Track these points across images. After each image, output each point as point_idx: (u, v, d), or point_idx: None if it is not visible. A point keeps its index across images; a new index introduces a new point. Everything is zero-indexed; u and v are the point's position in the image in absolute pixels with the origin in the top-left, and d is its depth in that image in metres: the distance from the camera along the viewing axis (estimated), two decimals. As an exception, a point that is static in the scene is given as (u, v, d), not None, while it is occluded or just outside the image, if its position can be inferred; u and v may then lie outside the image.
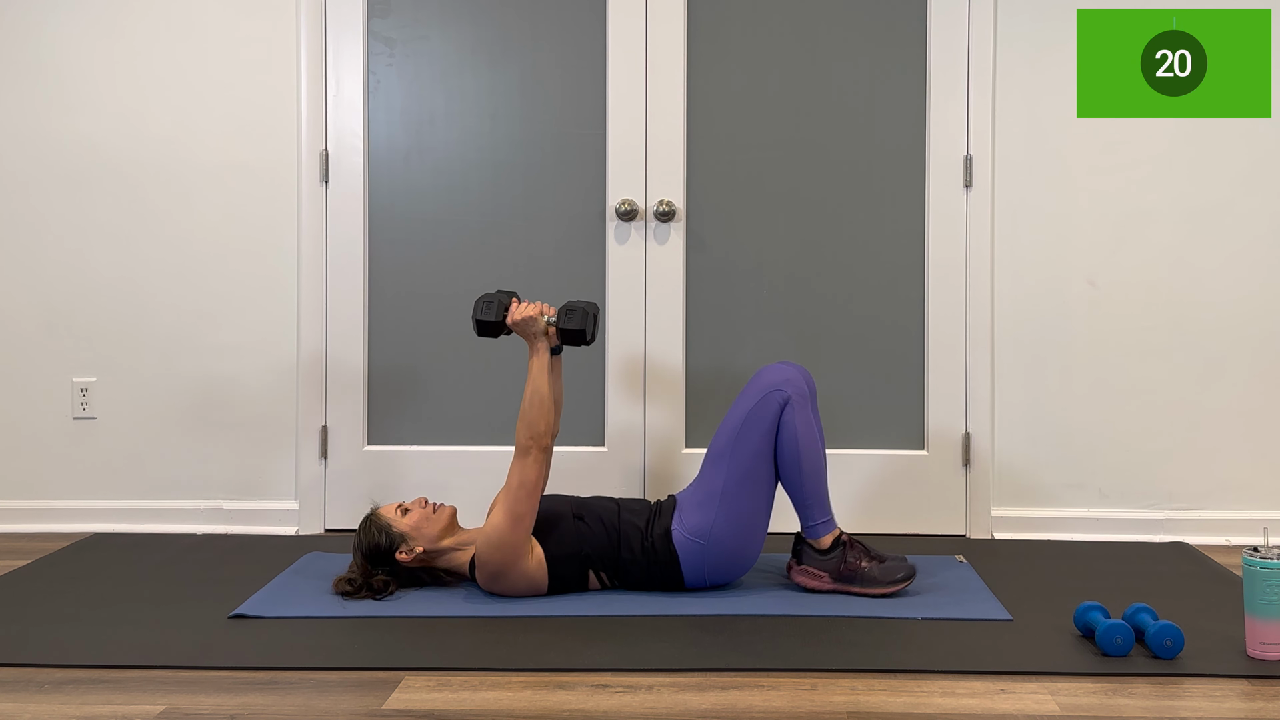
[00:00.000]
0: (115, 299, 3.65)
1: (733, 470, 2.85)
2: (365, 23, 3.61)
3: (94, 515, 3.65)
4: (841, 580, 2.87)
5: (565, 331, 2.90)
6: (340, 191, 3.62)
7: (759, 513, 2.88)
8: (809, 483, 2.87)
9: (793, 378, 2.89)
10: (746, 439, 2.86)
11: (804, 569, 2.91)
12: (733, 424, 2.89)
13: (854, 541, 2.90)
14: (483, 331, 2.95)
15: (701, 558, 2.83)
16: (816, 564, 2.89)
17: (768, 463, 2.87)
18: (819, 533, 2.89)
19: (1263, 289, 3.55)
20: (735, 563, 2.87)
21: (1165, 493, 3.57)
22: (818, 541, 2.89)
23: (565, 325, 2.89)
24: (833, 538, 2.89)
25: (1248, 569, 2.38)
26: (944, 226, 3.56)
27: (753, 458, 2.85)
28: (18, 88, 3.64)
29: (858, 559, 2.87)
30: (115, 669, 2.37)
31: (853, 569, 2.86)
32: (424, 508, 2.89)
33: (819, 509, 2.89)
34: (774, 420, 2.86)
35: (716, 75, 3.59)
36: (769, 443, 2.86)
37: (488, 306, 2.94)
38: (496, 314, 2.93)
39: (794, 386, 2.88)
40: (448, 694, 2.24)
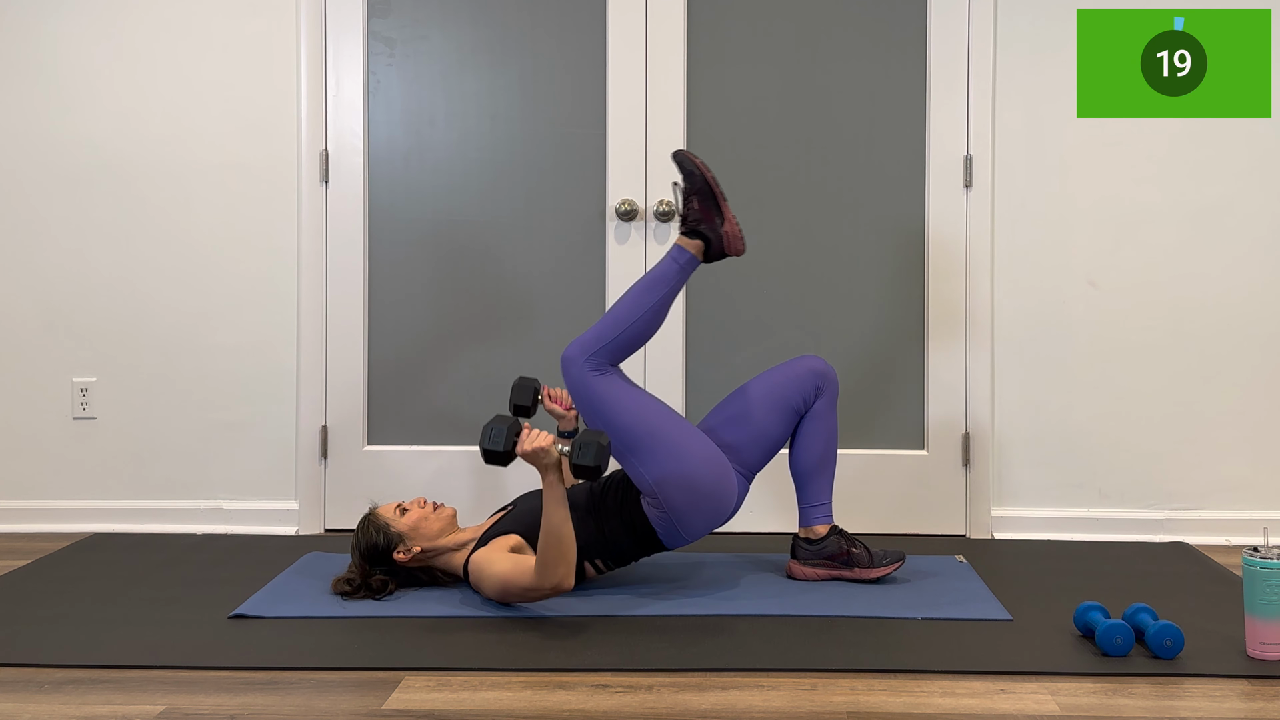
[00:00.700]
0: (115, 299, 3.65)
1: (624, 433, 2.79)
2: (365, 23, 3.61)
3: (94, 515, 3.65)
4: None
5: (579, 468, 2.60)
6: (340, 191, 3.62)
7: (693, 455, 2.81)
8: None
9: (567, 353, 2.86)
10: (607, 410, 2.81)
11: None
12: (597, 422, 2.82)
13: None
14: (490, 461, 2.68)
15: (667, 521, 2.82)
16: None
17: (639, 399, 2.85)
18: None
19: (1263, 289, 3.55)
20: (702, 512, 2.82)
21: (1165, 493, 3.57)
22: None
23: (579, 461, 2.59)
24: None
25: (1248, 569, 2.38)
26: (944, 226, 3.56)
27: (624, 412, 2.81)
28: (17, 88, 3.64)
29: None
30: (115, 669, 2.37)
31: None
32: (423, 508, 2.88)
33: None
34: (602, 375, 2.84)
35: (716, 75, 3.59)
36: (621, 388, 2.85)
37: (495, 435, 2.64)
38: (505, 443, 2.63)
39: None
40: (448, 694, 2.24)
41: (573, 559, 2.60)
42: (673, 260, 2.91)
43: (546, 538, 2.57)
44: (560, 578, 2.59)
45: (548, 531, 2.57)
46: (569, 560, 2.59)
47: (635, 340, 2.90)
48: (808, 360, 3.03)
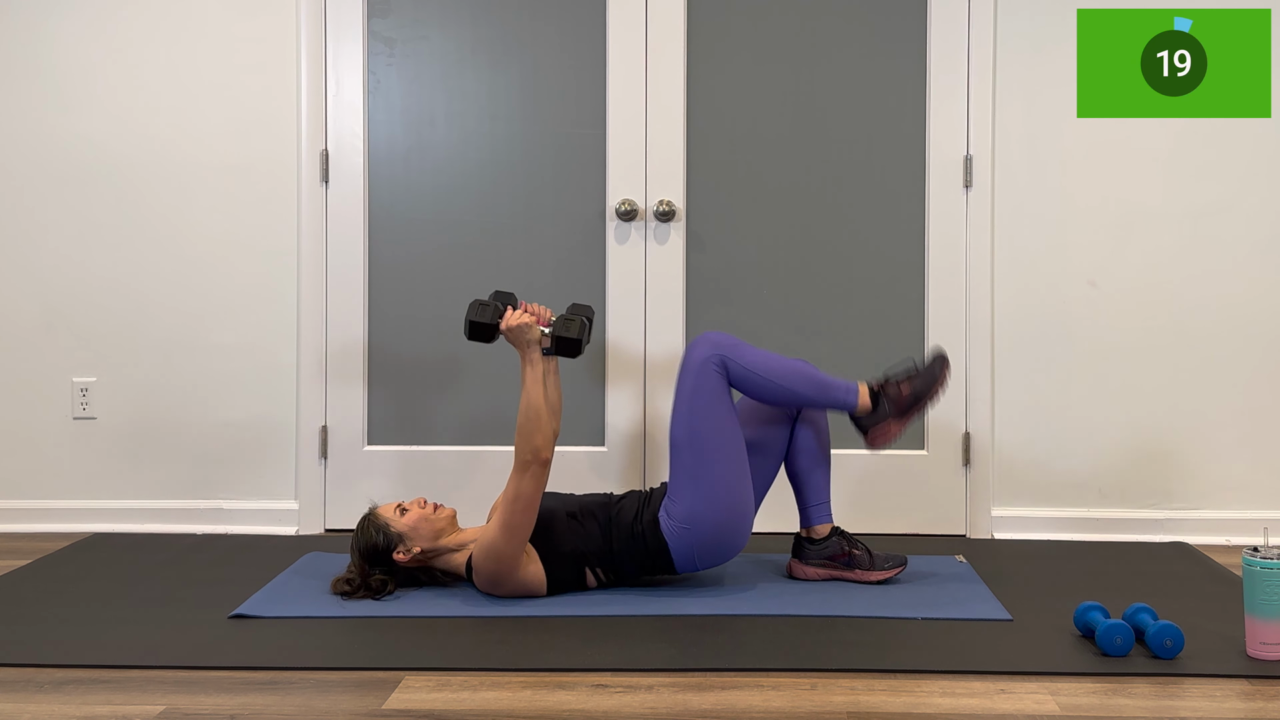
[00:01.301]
0: (115, 299, 3.65)
1: (695, 453, 2.83)
2: (365, 23, 3.61)
3: (94, 515, 3.65)
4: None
5: (560, 340, 2.84)
6: (340, 191, 3.62)
7: (738, 487, 2.85)
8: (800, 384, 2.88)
9: (718, 340, 2.87)
10: (698, 419, 2.83)
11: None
12: (681, 409, 2.86)
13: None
14: (474, 334, 2.87)
15: (689, 543, 2.83)
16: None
17: (728, 433, 2.84)
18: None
19: (1263, 289, 3.55)
20: (723, 544, 2.86)
21: (1165, 493, 3.57)
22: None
23: (562, 334, 2.83)
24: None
25: (1248, 569, 2.38)
26: (944, 226, 3.56)
27: (714, 434, 2.83)
28: (17, 88, 3.64)
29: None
30: (115, 669, 2.37)
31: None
32: (423, 508, 2.88)
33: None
34: (719, 388, 2.84)
35: (716, 75, 3.59)
36: (725, 411, 2.85)
37: (483, 309, 2.87)
38: (491, 317, 2.86)
39: (723, 346, 2.86)
40: (448, 694, 2.24)
41: (548, 430, 2.73)
42: (844, 390, 2.89)
43: (525, 409, 2.74)
44: (538, 445, 2.71)
45: (526, 404, 2.74)
46: (545, 431, 2.73)
47: (759, 392, 2.87)
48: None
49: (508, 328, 2.83)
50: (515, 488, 2.73)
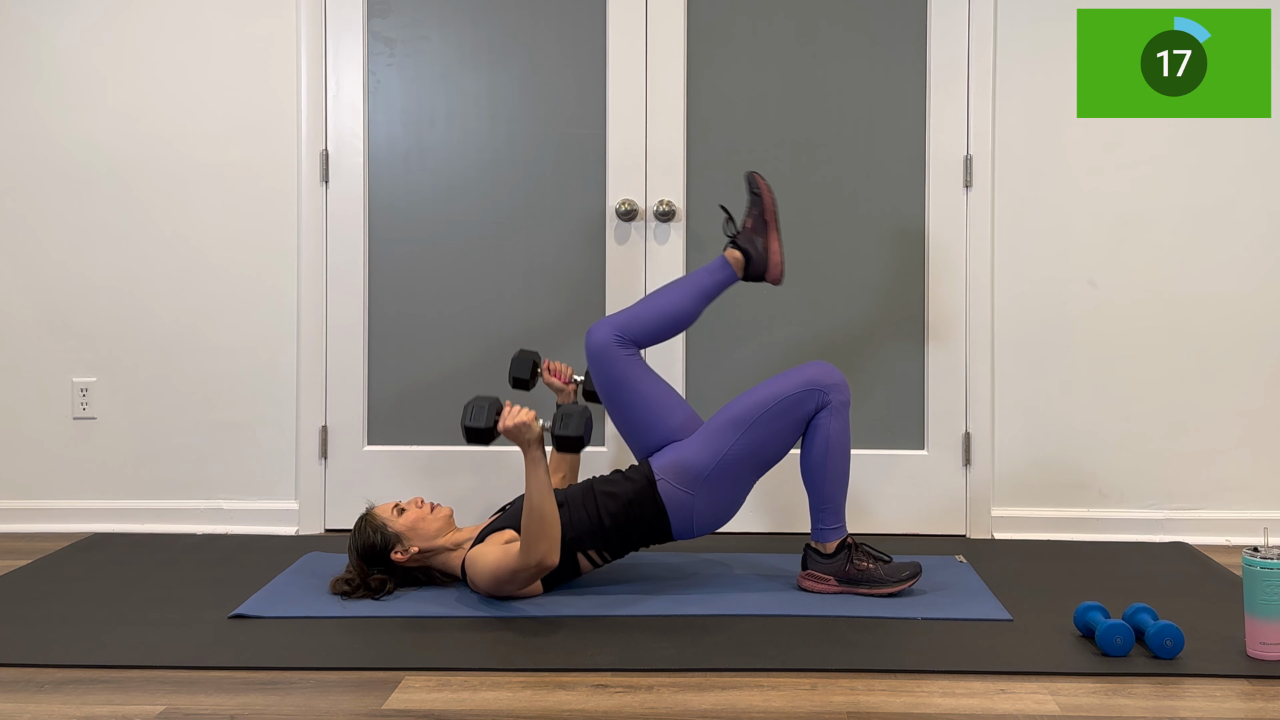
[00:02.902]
0: (115, 299, 3.65)
1: (743, 442, 2.83)
2: (365, 23, 3.61)
3: (94, 515, 3.65)
4: (848, 582, 2.88)
5: (560, 439, 2.65)
6: (340, 191, 3.62)
7: (749, 483, 2.90)
8: (830, 488, 2.90)
9: (839, 384, 2.89)
10: (772, 420, 2.85)
11: (810, 574, 2.92)
12: (763, 399, 2.87)
13: (859, 545, 2.91)
14: (472, 439, 2.70)
15: (690, 509, 2.83)
16: (822, 568, 2.90)
17: (776, 449, 2.88)
18: (826, 537, 2.91)
19: (1262, 289, 3.55)
20: (719, 516, 2.89)
21: (1165, 493, 3.57)
22: (823, 545, 2.91)
23: (561, 433, 2.64)
24: (839, 542, 2.90)
25: (1248, 569, 2.38)
26: (944, 226, 3.56)
27: (768, 440, 2.85)
28: (18, 88, 3.64)
29: (863, 560, 2.88)
30: (115, 669, 2.37)
31: (859, 570, 2.88)
32: (420, 508, 2.88)
33: (832, 515, 2.91)
34: (806, 417, 2.86)
35: (716, 75, 3.59)
36: (790, 434, 2.87)
37: (478, 411, 2.67)
38: (487, 420, 2.66)
39: (837, 393, 2.88)
40: (448, 694, 2.24)
41: (555, 535, 2.64)
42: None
43: (529, 514, 2.61)
44: (543, 553, 2.63)
45: (530, 508, 2.61)
46: (551, 536, 2.63)
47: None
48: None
49: (505, 429, 2.67)
50: (515, 570, 2.67)
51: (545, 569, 2.66)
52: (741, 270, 3.03)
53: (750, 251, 3.02)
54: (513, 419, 2.64)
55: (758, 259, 3.03)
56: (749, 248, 3.03)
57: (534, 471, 2.63)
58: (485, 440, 2.68)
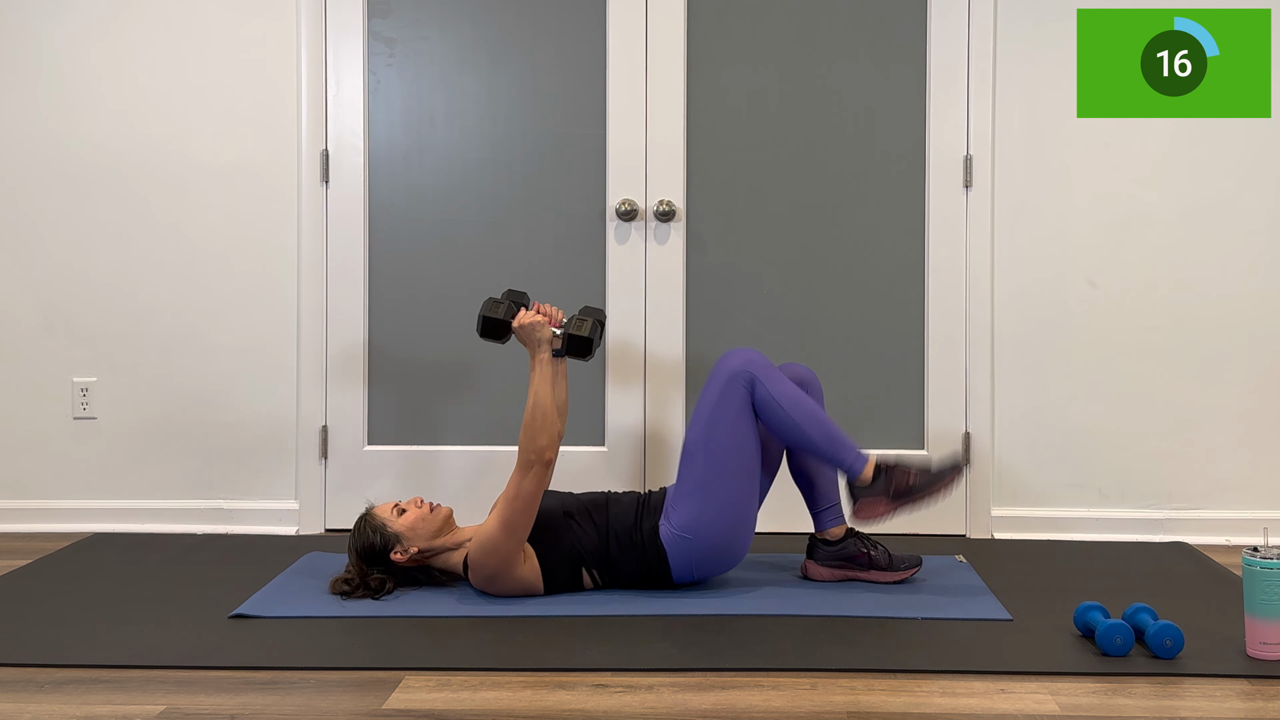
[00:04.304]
0: (115, 299, 3.65)
1: (710, 462, 2.83)
2: (365, 23, 3.61)
3: (94, 515, 3.65)
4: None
5: (572, 339, 2.84)
6: (340, 191, 3.62)
7: (745, 503, 2.87)
8: (815, 430, 2.84)
9: (753, 358, 2.87)
10: (719, 428, 2.83)
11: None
12: (702, 416, 2.86)
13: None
14: (486, 330, 2.89)
15: (689, 553, 2.83)
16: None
17: (748, 449, 2.85)
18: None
19: (1262, 289, 3.55)
20: (723, 556, 2.87)
21: (1165, 493, 3.57)
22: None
23: (575, 332, 2.84)
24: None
25: (1248, 569, 2.38)
26: (944, 226, 3.56)
27: (730, 447, 2.83)
28: (18, 88, 3.64)
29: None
30: (115, 669, 2.37)
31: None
32: (420, 508, 2.88)
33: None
34: (744, 402, 2.84)
35: (716, 75, 3.59)
36: (746, 427, 2.84)
37: (496, 305, 2.90)
38: (505, 313, 2.89)
39: (757, 365, 2.85)
40: (448, 694, 2.24)
41: (554, 431, 2.74)
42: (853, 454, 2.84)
43: (532, 409, 2.74)
44: (543, 446, 2.72)
45: (534, 402, 2.75)
46: (551, 431, 2.73)
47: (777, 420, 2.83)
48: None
49: (520, 325, 2.85)
50: (516, 486, 2.73)
51: (546, 463, 2.72)
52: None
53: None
54: (528, 318, 2.84)
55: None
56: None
57: (540, 370, 2.81)
58: (498, 334, 2.87)
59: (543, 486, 2.75)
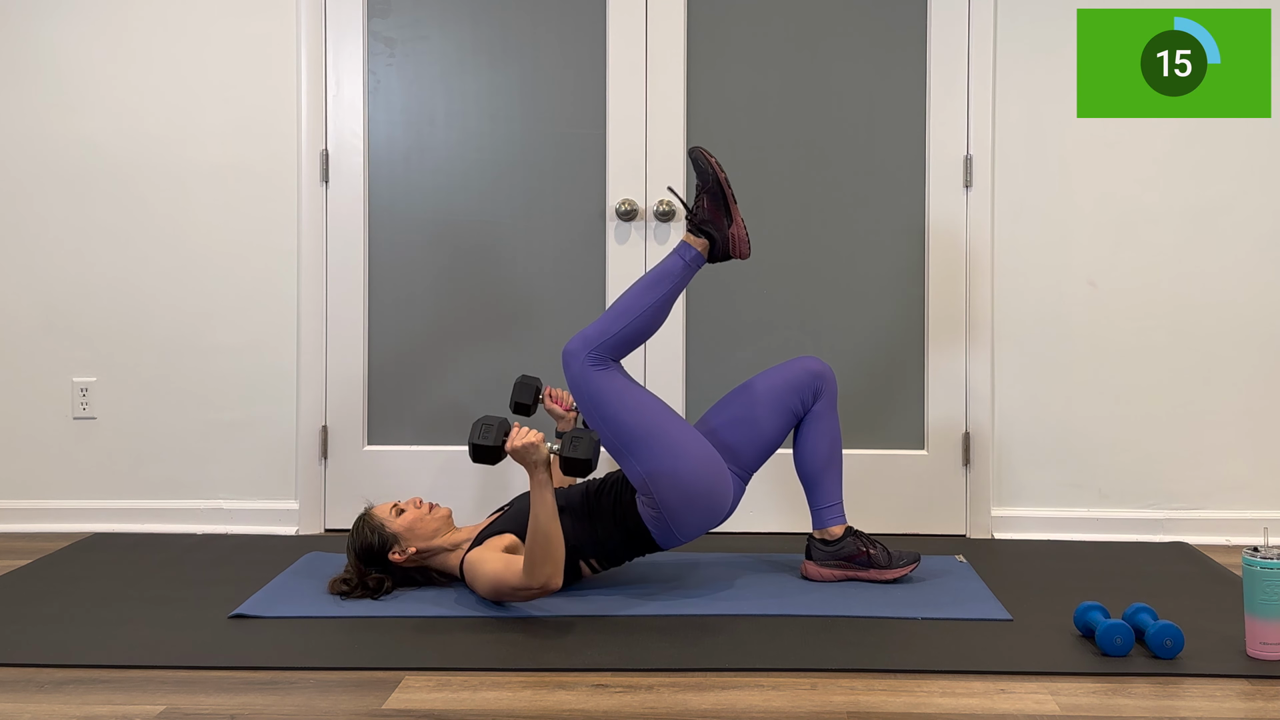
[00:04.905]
0: (115, 299, 3.65)
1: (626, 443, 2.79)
2: (365, 23, 3.61)
3: (94, 515, 3.65)
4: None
5: (568, 462, 2.61)
6: (340, 191, 3.62)
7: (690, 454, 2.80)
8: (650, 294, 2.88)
9: (572, 346, 2.86)
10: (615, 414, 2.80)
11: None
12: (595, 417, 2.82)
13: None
14: (479, 458, 2.68)
15: (662, 522, 2.80)
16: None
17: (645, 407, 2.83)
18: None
19: (1263, 289, 3.55)
20: (698, 512, 2.81)
21: (1165, 493, 3.57)
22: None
23: (569, 455, 2.60)
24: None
25: (1248, 569, 2.38)
26: (944, 226, 3.56)
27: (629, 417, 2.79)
28: (18, 88, 3.64)
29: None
30: (115, 669, 2.37)
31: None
32: (419, 508, 2.88)
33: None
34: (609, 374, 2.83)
35: (716, 75, 3.59)
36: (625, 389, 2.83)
37: (486, 430, 2.66)
38: (495, 438, 2.65)
39: (583, 345, 2.85)
40: (448, 694, 2.24)
41: (560, 558, 2.60)
42: (678, 256, 2.91)
43: (534, 536, 2.58)
44: (547, 577, 2.59)
45: (535, 530, 2.58)
46: (556, 559, 2.59)
47: (637, 336, 2.89)
48: (806, 361, 3.02)
49: (512, 450, 2.62)
50: (515, 588, 2.64)
51: (549, 590, 2.62)
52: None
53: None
54: (521, 439, 2.60)
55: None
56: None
57: (540, 494, 2.59)
58: (492, 459, 2.66)
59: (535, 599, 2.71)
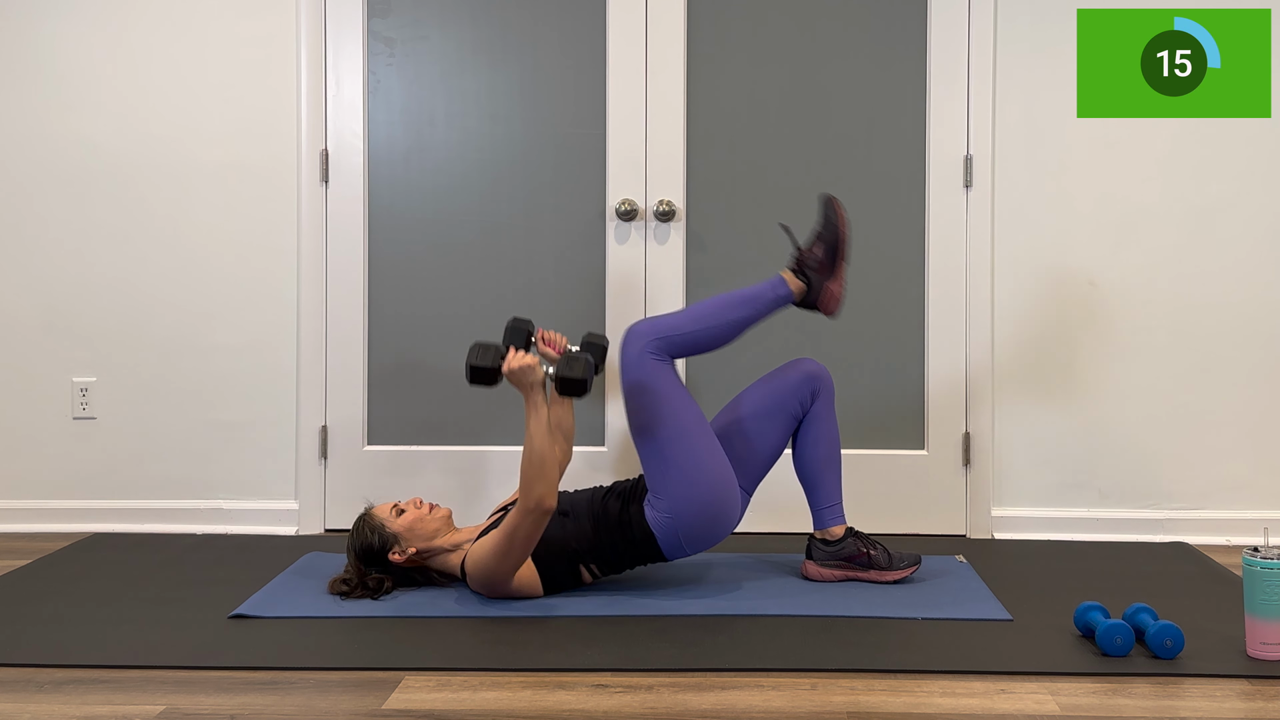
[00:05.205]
0: (115, 299, 3.65)
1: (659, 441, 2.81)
2: (365, 23, 3.61)
3: (94, 515, 3.64)
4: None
5: (564, 381, 2.70)
6: (340, 191, 3.62)
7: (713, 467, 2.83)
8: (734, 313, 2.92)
9: (640, 329, 2.89)
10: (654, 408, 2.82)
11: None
12: (632, 404, 2.84)
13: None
14: (475, 379, 2.75)
15: (673, 530, 2.80)
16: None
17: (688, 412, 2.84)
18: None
19: (1262, 289, 3.55)
20: (709, 526, 2.83)
21: (1165, 493, 3.57)
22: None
23: (565, 374, 2.69)
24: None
25: (1248, 569, 2.38)
26: (944, 226, 3.56)
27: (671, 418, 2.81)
28: (18, 88, 3.64)
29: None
30: (115, 669, 2.37)
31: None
32: (419, 508, 2.88)
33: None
34: (663, 368, 2.85)
35: (716, 75, 3.59)
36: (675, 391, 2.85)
37: (483, 352, 2.74)
38: (492, 360, 2.73)
39: (649, 330, 2.89)
40: (448, 694, 2.24)
41: (553, 478, 2.66)
42: (769, 288, 2.93)
43: (528, 457, 2.65)
44: (541, 494, 2.64)
45: (529, 451, 2.65)
46: (548, 479, 2.65)
47: (703, 345, 2.91)
48: (802, 364, 3.02)
49: (509, 371, 2.71)
50: (516, 524, 2.68)
51: (545, 511, 2.66)
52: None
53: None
54: (518, 361, 2.69)
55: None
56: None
57: (534, 415, 2.67)
58: (489, 381, 2.75)
59: (540, 529, 2.71)
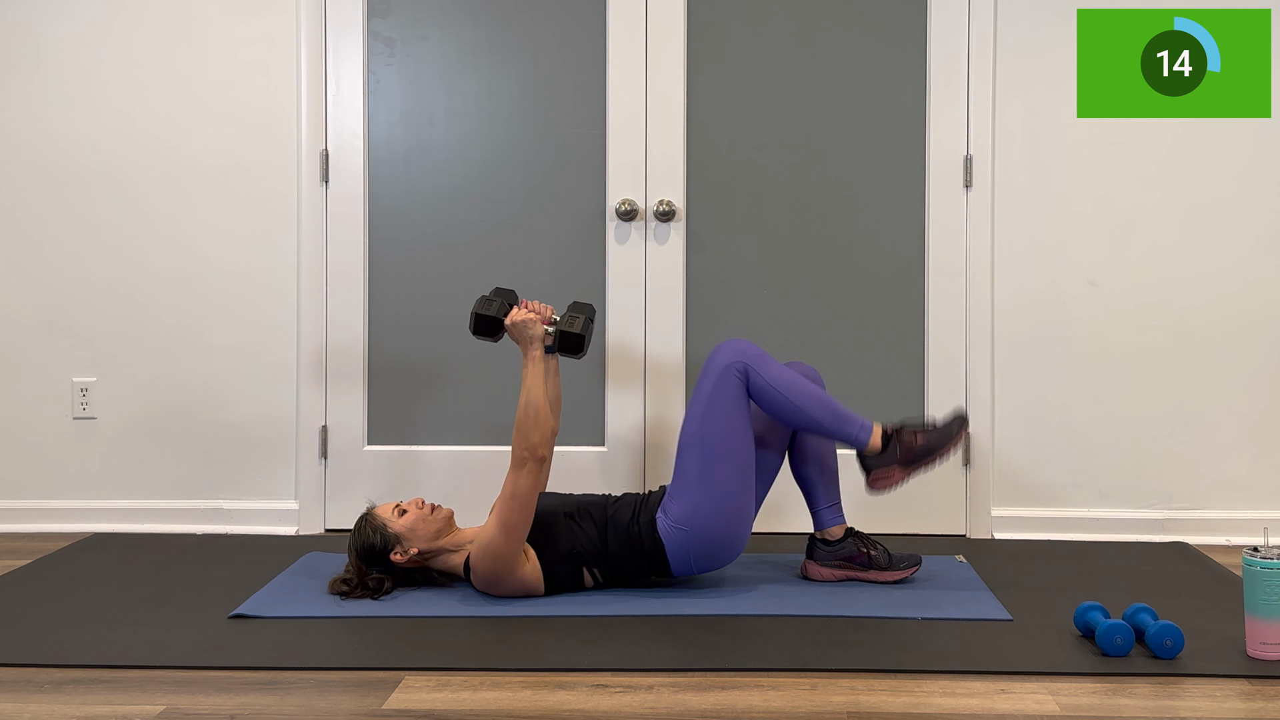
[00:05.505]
0: (115, 299, 3.65)
1: (705, 455, 2.82)
2: (365, 23, 3.61)
3: (94, 515, 3.65)
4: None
5: (564, 336, 2.86)
6: (340, 191, 3.62)
7: (742, 496, 2.85)
8: (817, 409, 2.85)
9: (744, 348, 2.87)
10: (714, 422, 2.83)
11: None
12: (697, 410, 2.86)
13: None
14: (479, 328, 2.91)
15: (686, 545, 2.82)
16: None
17: (743, 442, 2.84)
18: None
19: (1263, 289, 3.55)
20: (720, 550, 2.85)
21: (1165, 493, 3.57)
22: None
23: (566, 329, 2.86)
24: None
25: (1248, 569, 2.38)
26: (944, 226, 3.56)
27: (725, 440, 2.82)
28: (18, 88, 3.64)
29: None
30: (115, 669, 2.37)
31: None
32: (421, 509, 2.88)
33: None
34: (738, 395, 2.84)
35: (716, 75, 3.59)
36: (740, 420, 2.84)
37: (489, 303, 2.92)
38: (497, 311, 2.90)
39: (748, 355, 2.85)
40: (448, 694, 2.24)
41: (547, 430, 2.73)
42: (859, 424, 2.86)
43: (524, 408, 2.73)
44: (535, 443, 2.71)
45: (526, 403, 2.74)
46: (543, 427, 2.72)
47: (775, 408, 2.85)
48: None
49: (513, 323, 2.85)
50: (512, 485, 2.72)
51: (539, 460, 2.72)
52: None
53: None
54: (521, 315, 2.83)
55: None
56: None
57: (533, 367, 2.80)
58: (491, 331, 2.89)
59: (538, 484, 2.74)
